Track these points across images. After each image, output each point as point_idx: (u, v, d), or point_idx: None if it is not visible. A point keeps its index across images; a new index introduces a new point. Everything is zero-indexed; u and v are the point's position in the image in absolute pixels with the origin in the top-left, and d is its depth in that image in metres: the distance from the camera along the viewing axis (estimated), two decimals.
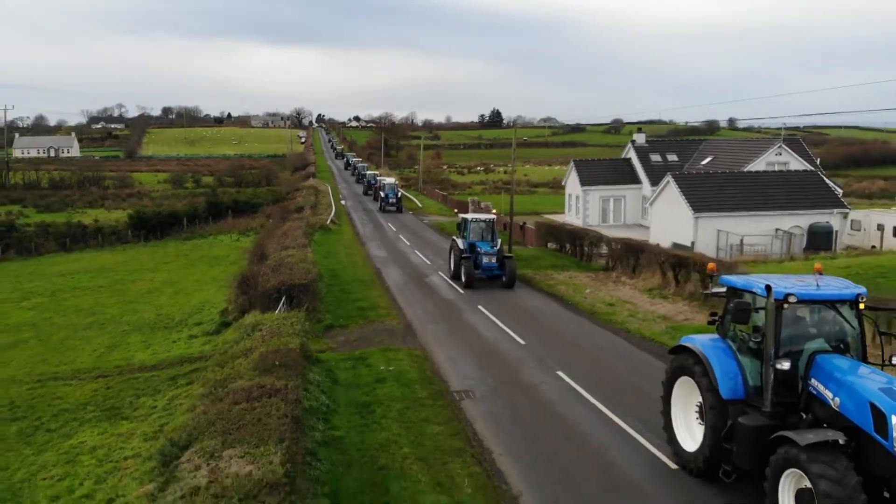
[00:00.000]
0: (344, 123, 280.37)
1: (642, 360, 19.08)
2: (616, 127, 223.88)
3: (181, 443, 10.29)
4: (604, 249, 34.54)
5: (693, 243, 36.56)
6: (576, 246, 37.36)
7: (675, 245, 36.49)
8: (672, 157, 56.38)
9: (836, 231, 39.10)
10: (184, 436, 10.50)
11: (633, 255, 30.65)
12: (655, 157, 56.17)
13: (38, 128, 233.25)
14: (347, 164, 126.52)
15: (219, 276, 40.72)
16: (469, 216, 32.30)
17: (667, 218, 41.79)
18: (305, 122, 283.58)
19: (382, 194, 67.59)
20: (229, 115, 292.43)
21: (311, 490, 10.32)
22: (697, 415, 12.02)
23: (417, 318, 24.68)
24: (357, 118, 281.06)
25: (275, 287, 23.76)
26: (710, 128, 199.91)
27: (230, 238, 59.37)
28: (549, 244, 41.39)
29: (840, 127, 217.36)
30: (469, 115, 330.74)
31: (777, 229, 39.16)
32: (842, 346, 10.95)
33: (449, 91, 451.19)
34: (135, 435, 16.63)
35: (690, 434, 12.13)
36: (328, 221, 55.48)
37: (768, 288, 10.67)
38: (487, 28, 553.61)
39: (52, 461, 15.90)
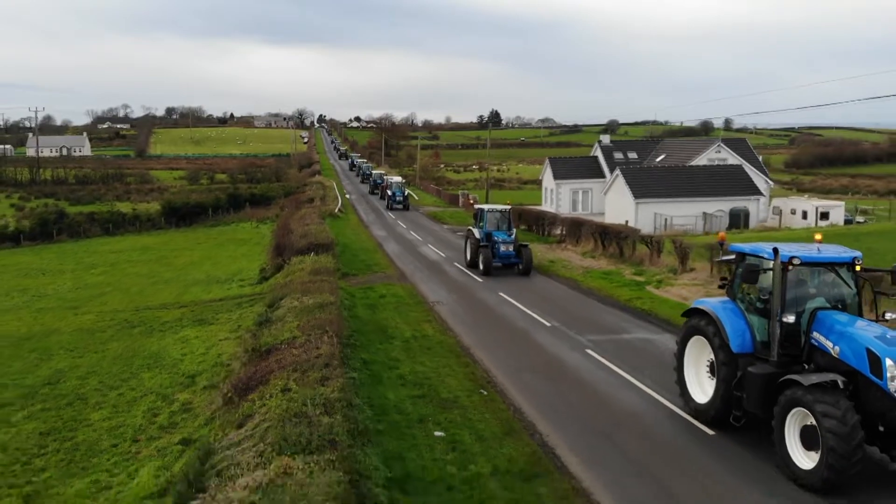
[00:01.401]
0: (345, 124, 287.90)
1: (558, 288, 28.27)
2: (612, 128, 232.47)
3: (279, 296, 19.35)
4: (559, 229, 43.51)
5: (627, 221, 45.56)
6: (539, 225, 46.38)
7: None
8: (632, 155, 65.44)
9: (750, 213, 48.18)
10: (278, 294, 19.54)
11: (577, 230, 39.61)
12: (618, 155, 65.16)
13: (46, 128, 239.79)
14: (352, 165, 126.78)
15: (247, 253, 49.66)
16: (485, 207, 34.20)
17: (617, 204, 50.86)
18: (307, 122, 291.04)
19: (389, 192, 69.71)
20: (232, 115, 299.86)
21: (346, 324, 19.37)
22: (708, 370, 13.17)
23: (409, 270, 33.62)
24: (358, 118, 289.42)
25: (305, 246, 32.74)
26: (705, 128, 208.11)
27: (250, 225, 68.29)
28: (521, 226, 50.34)
29: (832, 127, 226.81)
30: (468, 116, 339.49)
31: (704, 212, 48.20)
32: (840, 305, 11.99)
33: (449, 91, 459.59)
34: (222, 330, 25.52)
35: (701, 388, 13.35)
36: (336, 210, 64.35)
37: (775, 251, 11.72)
38: (487, 28, 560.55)
39: (171, 343, 24.81)
